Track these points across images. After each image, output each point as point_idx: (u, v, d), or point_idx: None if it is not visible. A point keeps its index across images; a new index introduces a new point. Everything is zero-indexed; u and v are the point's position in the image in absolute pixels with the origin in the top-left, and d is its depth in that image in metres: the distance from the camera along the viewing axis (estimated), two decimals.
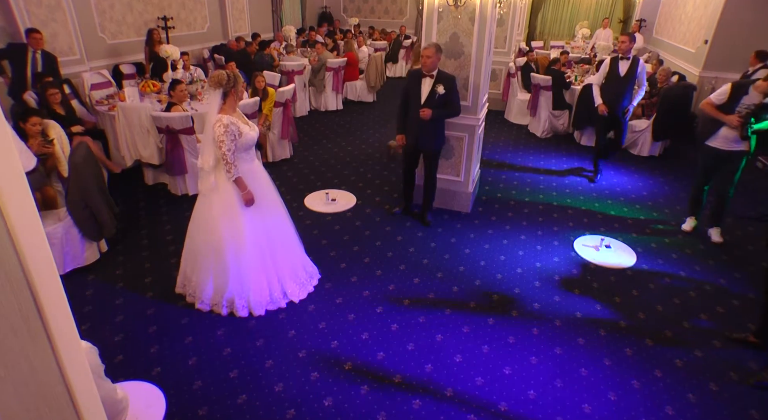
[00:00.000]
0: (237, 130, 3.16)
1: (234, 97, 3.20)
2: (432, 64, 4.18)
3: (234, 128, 3.14)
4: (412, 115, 4.42)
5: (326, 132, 7.88)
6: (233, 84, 3.16)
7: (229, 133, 3.12)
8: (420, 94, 4.32)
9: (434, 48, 4.16)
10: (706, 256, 4.48)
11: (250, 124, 3.36)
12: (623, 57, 5.52)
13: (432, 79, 4.26)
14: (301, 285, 3.75)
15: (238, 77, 3.19)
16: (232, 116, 3.19)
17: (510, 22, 8.47)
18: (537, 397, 2.89)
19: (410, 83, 4.41)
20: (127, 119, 5.18)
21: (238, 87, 3.20)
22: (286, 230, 3.66)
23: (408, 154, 4.71)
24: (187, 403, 2.79)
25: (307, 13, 14.09)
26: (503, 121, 8.78)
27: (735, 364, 3.19)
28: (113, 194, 4.35)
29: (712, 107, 4.33)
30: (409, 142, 4.57)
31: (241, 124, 3.22)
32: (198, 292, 3.53)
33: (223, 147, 3.12)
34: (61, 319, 0.94)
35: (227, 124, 3.10)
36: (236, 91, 3.20)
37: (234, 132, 3.14)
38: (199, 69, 7.70)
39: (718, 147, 4.38)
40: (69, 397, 0.99)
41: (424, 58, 4.16)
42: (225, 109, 3.19)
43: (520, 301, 3.77)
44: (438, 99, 4.26)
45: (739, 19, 7.50)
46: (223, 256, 3.36)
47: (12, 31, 6.00)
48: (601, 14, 13.33)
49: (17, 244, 0.81)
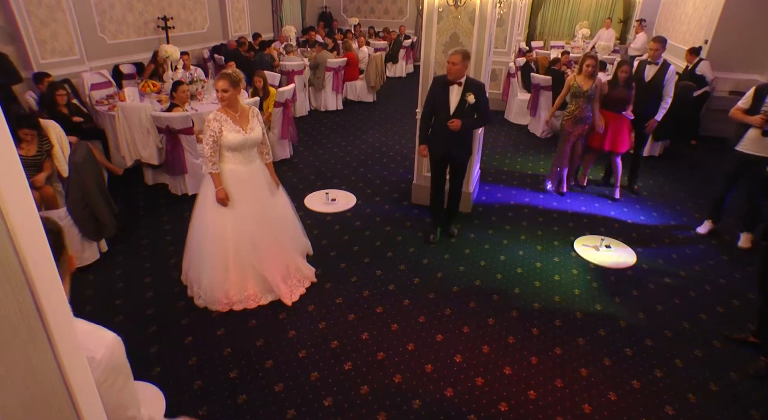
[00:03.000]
0: (218, 128, 3.27)
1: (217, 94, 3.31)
2: (458, 71, 3.88)
3: (215, 125, 3.26)
4: (440, 125, 4.10)
5: (326, 132, 7.88)
6: (235, 84, 3.26)
7: (209, 129, 3.26)
8: (448, 104, 4.02)
9: (461, 55, 3.84)
10: (706, 256, 4.48)
11: (251, 128, 3.38)
12: (651, 62, 5.30)
13: (460, 87, 3.97)
14: (291, 287, 3.74)
15: (218, 76, 3.29)
16: (225, 114, 3.30)
17: (510, 22, 8.47)
18: (537, 397, 2.89)
19: (436, 91, 4.08)
20: (127, 119, 5.18)
21: (216, 84, 3.29)
22: (275, 232, 3.65)
23: (437, 166, 4.35)
24: (187, 403, 2.79)
25: (307, 13, 14.09)
26: (503, 121, 8.78)
27: (735, 364, 3.19)
28: (113, 194, 4.35)
29: (740, 112, 4.33)
30: (437, 154, 4.25)
31: (230, 123, 3.29)
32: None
33: (203, 140, 3.35)
34: (62, 319, 0.94)
35: (211, 119, 3.26)
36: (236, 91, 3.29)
37: (214, 129, 3.26)
38: (199, 69, 7.71)
39: (747, 151, 4.34)
40: (69, 397, 0.98)
41: (450, 65, 3.87)
42: (224, 106, 3.32)
43: (520, 301, 3.77)
44: (468, 108, 3.99)
45: (739, 19, 7.50)
46: (189, 244, 3.59)
47: (12, 31, 6.01)
48: (601, 14, 13.33)
49: (17, 244, 0.81)
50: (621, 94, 5.18)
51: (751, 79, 7.56)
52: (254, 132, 3.40)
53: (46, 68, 6.13)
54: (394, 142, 7.45)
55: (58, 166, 4.26)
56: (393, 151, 7.02)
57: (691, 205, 5.49)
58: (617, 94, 5.18)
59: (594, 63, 5.05)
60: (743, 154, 4.38)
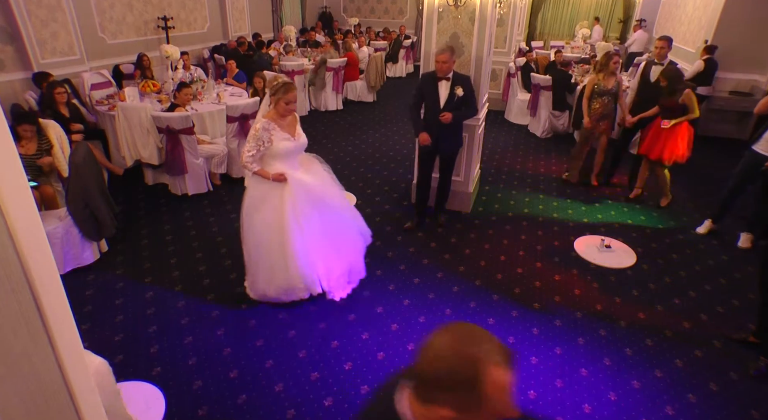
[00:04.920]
0: (268, 136, 3.23)
1: (281, 104, 3.24)
2: (448, 68, 4.09)
3: (265, 134, 3.22)
4: (429, 120, 4.28)
5: (326, 132, 7.88)
6: (281, 92, 3.22)
7: (257, 138, 3.22)
8: (438, 98, 4.20)
9: (449, 52, 4.04)
10: (706, 257, 4.48)
11: (298, 134, 3.38)
12: (657, 62, 5.26)
13: (449, 81, 4.16)
14: (341, 286, 3.70)
15: (288, 87, 3.22)
16: (274, 122, 3.26)
17: (510, 22, 8.47)
18: (537, 397, 2.89)
19: (425, 87, 4.26)
20: (127, 119, 5.18)
21: (286, 96, 3.22)
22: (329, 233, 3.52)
23: (426, 160, 4.56)
24: (187, 403, 2.79)
25: (307, 13, 14.10)
26: (503, 121, 8.78)
27: (735, 364, 3.19)
28: (113, 194, 4.35)
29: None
30: (427, 147, 4.39)
31: (279, 132, 3.26)
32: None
33: (247, 146, 3.26)
34: (61, 319, 0.94)
35: (259, 128, 3.21)
36: (281, 100, 3.23)
37: (263, 138, 3.22)
38: (200, 69, 7.71)
39: (763, 152, 4.26)
40: (69, 397, 0.99)
41: (440, 63, 4.03)
42: (271, 113, 3.29)
43: (521, 301, 3.77)
44: (457, 101, 4.18)
45: (739, 19, 7.50)
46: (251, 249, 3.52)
47: (12, 31, 6.01)
48: (602, 14, 13.33)
49: (17, 244, 0.81)
50: (672, 102, 4.88)
51: (752, 79, 7.57)
52: (302, 137, 3.41)
53: (46, 68, 6.13)
54: (394, 142, 7.45)
55: (58, 166, 4.26)
56: (393, 151, 7.02)
57: (691, 205, 5.49)
58: (667, 102, 4.90)
59: (619, 60, 5.17)
60: (758, 155, 4.29)
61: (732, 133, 7.82)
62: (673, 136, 4.93)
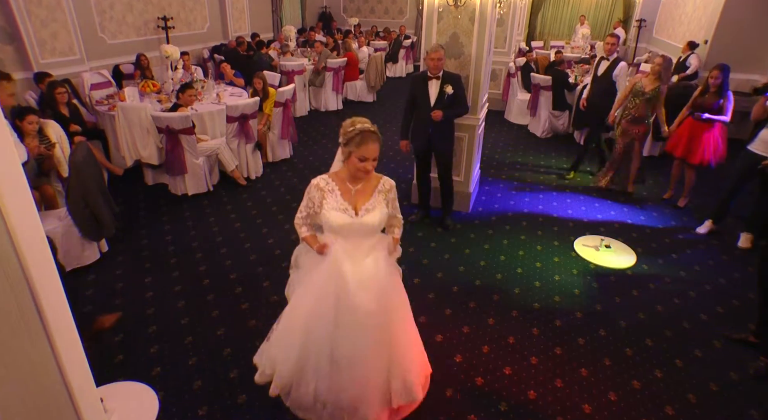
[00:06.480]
0: (319, 198, 2.38)
1: (353, 160, 2.27)
2: (441, 66, 4.18)
3: (316, 194, 2.38)
4: (421, 119, 4.38)
5: (326, 132, 7.88)
6: (353, 144, 2.24)
7: (308, 198, 2.42)
8: (428, 97, 4.29)
9: (444, 50, 4.16)
10: (706, 257, 4.48)
11: (367, 209, 2.38)
12: (605, 57, 5.70)
13: (438, 80, 4.24)
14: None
15: (363, 137, 2.23)
16: (336, 183, 2.39)
17: (510, 22, 8.47)
18: (537, 397, 2.89)
19: (416, 87, 4.36)
20: (127, 119, 5.18)
21: (359, 150, 2.23)
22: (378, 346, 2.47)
23: (421, 159, 4.69)
24: (187, 403, 2.79)
25: (307, 13, 14.10)
26: (503, 121, 8.78)
27: (735, 364, 3.19)
28: (113, 194, 4.35)
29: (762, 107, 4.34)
30: (420, 146, 4.54)
31: (336, 196, 2.37)
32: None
33: (301, 203, 2.48)
34: (61, 319, 0.94)
35: (313, 186, 2.39)
36: (354, 154, 2.26)
37: (314, 198, 2.39)
38: (200, 69, 7.72)
39: (759, 152, 4.31)
40: (68, 396, 0.98)
41: (435, 60, 4.12)
42: (341, 171, 2.41)
43: (520, 301, 3.77)
44: (447, 99, 4.26)
45: (739, 19, 7.50)
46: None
47: (12, 31, 6.01)
48: (602, 14, 13.32)
49: (17, 244, 0.81)
50: (709, 102, 4.85)
51: (751, 79, 7.57)
52: (369, 215, 2.37)
53: (46, 68, 6.14)
54: (394, 142, 7.43)
55: (58, 166, 4.26)
56: (393, 151, 7.01)
57: (691, 206, 5.48)
58: (704, 101, 4.90)
59: (661, 61, 5.03)
60: (754, 155, 4.35)
61: (732, 134, 7.81)
62: (712, 137, 5.01)
